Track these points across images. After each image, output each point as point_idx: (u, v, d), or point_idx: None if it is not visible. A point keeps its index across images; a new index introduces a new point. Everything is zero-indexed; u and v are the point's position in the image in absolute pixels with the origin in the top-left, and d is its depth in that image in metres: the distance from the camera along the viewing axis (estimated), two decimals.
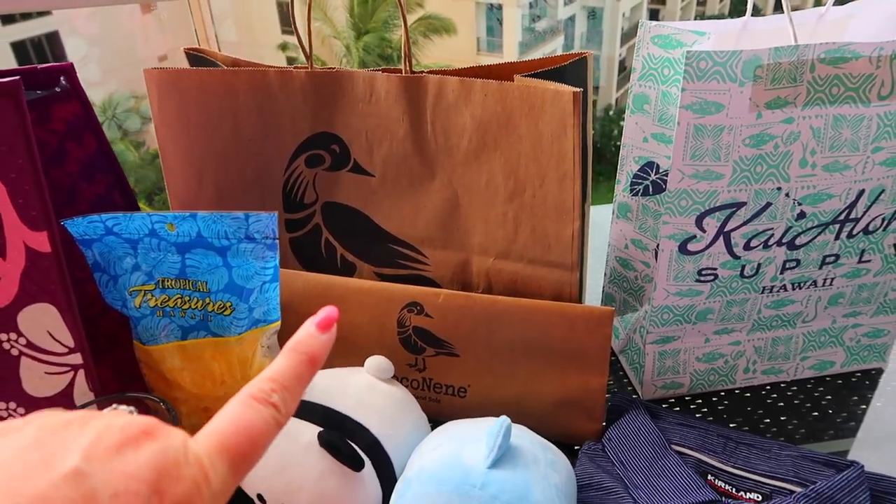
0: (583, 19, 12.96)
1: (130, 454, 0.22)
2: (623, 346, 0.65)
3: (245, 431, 0.25)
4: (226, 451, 0.24)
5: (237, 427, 0.25)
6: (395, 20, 10.09)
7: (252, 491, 0.46)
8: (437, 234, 0.58)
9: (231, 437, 0.24)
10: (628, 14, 13.06)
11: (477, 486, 0.41)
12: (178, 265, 0.48)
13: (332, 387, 0.49)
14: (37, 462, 0.21)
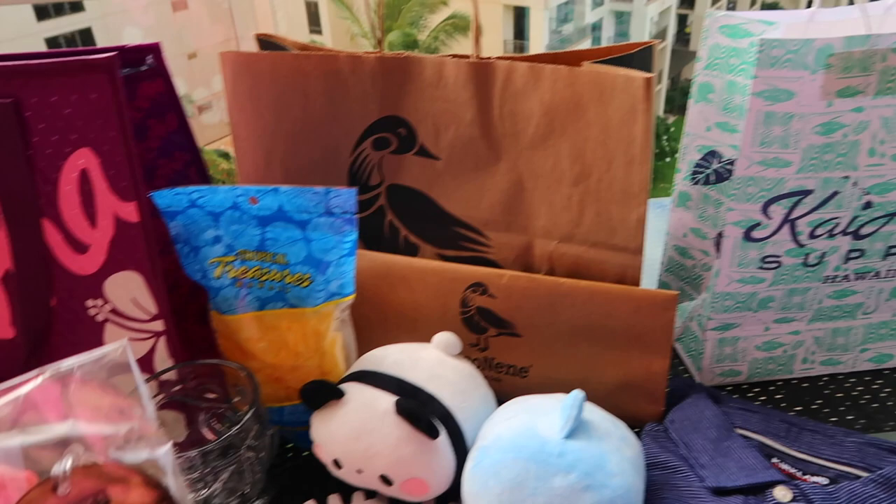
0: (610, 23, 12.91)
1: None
2: (679, 333, 0.65)
3: None
4: None
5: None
6: (422, 19, 10.14)
7: (328, 456, 0.48)
8: (500, 217, 0.59)
9: None
10: (656, 18, 12.99)
11: (554, 455, 0.42)
12: (258, 238, 0.50)
13: (404, 360, 0.51)
14: None
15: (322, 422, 0.48)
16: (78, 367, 0.31)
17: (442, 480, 0.47)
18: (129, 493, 0.28)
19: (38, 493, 0.27)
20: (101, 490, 0.28)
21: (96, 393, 0.31)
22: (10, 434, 0.28)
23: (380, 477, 0.47)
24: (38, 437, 0.28)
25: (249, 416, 0.46)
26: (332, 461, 0.48)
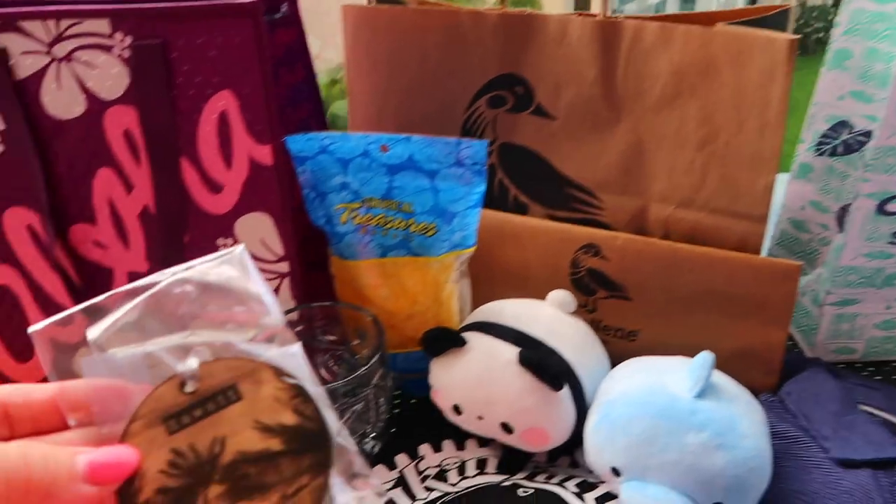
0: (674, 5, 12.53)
1: None
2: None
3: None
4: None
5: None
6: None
7: (448, 402, 0.49)
8: (616, 180, 0.58)
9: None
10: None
11: (685, 412, 0.42)
12: (386, 186, 0.50)
13: (523, 314, 0.51)
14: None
15: (443, 368, 0.49)
16: (197, 271, 0.30)
17: (562, 432, 0.47)
18: (260, 388, 0.27)
19: (165, 389, 0.27)
20: (231, 385, 0.27)
21: (219, 296, 0.30)
22: (133, 340, 0.28)
23: (501, 424, 0.47)
24: (163, 342, 0.28)
25: (377, 358, 0.47)
26: (451, 407, 0.49)
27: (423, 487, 0.49)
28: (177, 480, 0.25)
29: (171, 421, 0.26)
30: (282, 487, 0.26)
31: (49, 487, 0.23)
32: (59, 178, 0.51)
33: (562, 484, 0.47)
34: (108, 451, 0.25)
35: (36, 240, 0.53)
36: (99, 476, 0.24)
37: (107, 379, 0.27)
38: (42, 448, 0.23)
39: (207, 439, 0.26)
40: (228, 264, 0.30)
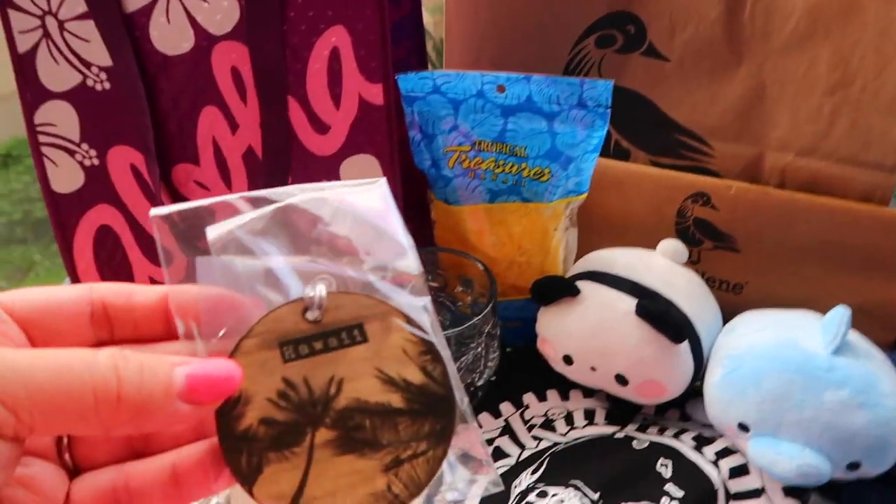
0: None
1: None
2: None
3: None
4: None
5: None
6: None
7: (559, 352, 0.48)
8: (730, 126, 0.55)
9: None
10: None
11: (822, 369, 0.40)
12: (499, 128, 0.48)
13: (636, 263, 0.49)
14: None
15: (554, 318, 0.48)
16: (335, 194, 0.26)
17: (679, 385, 0.46)
18: (389, 334, 0.24)
19: (287, 311, 0.24)
20: (357, 323, 0.24)
21: (354, 226, 0.26)
22: (255, 252, 0.25)
23: (615, 376, 0.46)
24: (288, 261, 0.25)
25: (490, 307, 0.46)
26: (561, 357, 0.48)
27: (530, 436, 0.49)
28: (284, 414, 0.23)
29: (288, 347, 0.23)
30: (395, 449, 0.23)
31: (143, 404, 0.20)
32: (163, 116, 0.50)
33: (677, 437, 0.46)
34: (211, 363, 0.21)
35: (139, 179, 0.52)
36: (198, 393, 0.21)
37: (221, 288, 0.24)
38: (137, 358, 0.20)
39: (324, 377, 0.23)
40: (369, 193, 0.27)
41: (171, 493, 0.22)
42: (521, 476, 0.45)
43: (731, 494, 0.42)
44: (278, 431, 0.22)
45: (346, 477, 0.23)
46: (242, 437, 0.22)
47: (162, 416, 0.20)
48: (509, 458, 0.47)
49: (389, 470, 0.23)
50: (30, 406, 0.18)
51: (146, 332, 0.24)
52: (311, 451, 0.23)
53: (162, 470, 0.22)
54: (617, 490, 0.43)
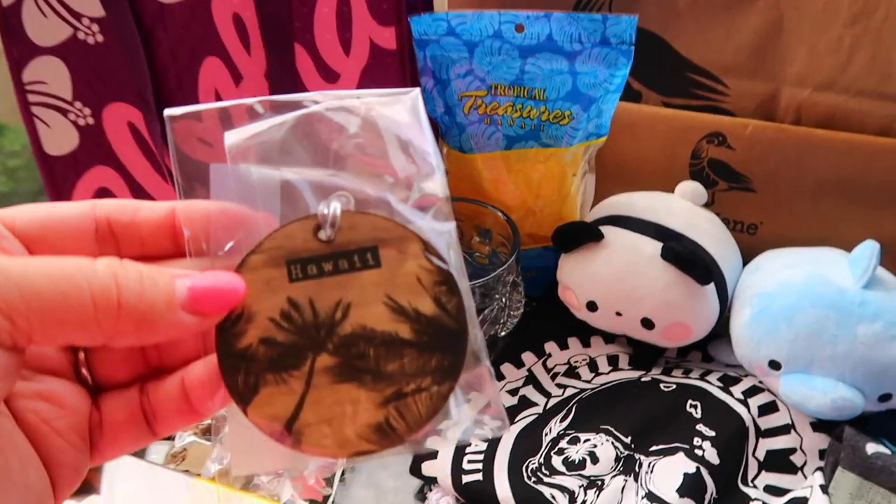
0: None
1: None
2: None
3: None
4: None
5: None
6: None
7: (584, 298, 0.47)
8: (746, 63, 0.54)
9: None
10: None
11: (855, 304, 0.40)
12: (517, 70, 0.47)
13: (656, 207, 0.49)
14: None
15: (577, 265, 0.47)
16: (362, 103, 0.24)
17: (705, 327, 0.46)
18: (405, 260, 0.22)
19: (298, 228, 0.22)
20: (372, 246, 0.22)
21: (381, 140, 0.24)
22: (273, 162, 0.23)
23: (641, 320, 0.46)
24: (306, 173, 0.23)
25: (514, 257, 0.45)
26: (585, 304, 0.48)
27: (554, 385, 0.49)
28: (286, 335, 0.22)
29: (296, 266, 0.22)
30: (399, 382, 0.22)
31: (144, 314, 0.19)
32: (161, 69, 0.48)
33: (703, 378, 0.46)
34: (213, 275, 0.21)
35: (137, 138, 0.50)
36: (200, 304, 0.20)
37: (231, 202, 0.23)
38: (136, 267, 0.20)
39: (331, 300, 0.22)
40: (401, 105, 0.24)
41: (185, 409, 0.22)
42: (549, 424, 0.45)
43: (762, 431, 0.43)
44: (278, 353, 0.21)
45: (344, 405, 0.22)
46: (241, 356, 0.21)
47: (165, 326, 0.20)
48: (536, 406, 0.47)
49: (390, 403, 0.22)
50: (26, 312, 0.18)
51: (153, 250, 0.23)
52: (310, 376, 0.22)
53: (175, 385, 0.22)
54: (648, 433, 0.43)
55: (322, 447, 0.21)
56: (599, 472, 0.41)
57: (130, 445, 0.23)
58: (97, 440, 0.22)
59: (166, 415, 0.22)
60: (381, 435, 0.22)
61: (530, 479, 0.41)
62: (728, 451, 0.41)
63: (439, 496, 0.42)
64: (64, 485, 0.21)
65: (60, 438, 0.21)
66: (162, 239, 0.23)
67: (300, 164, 0.23)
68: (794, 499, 0.40)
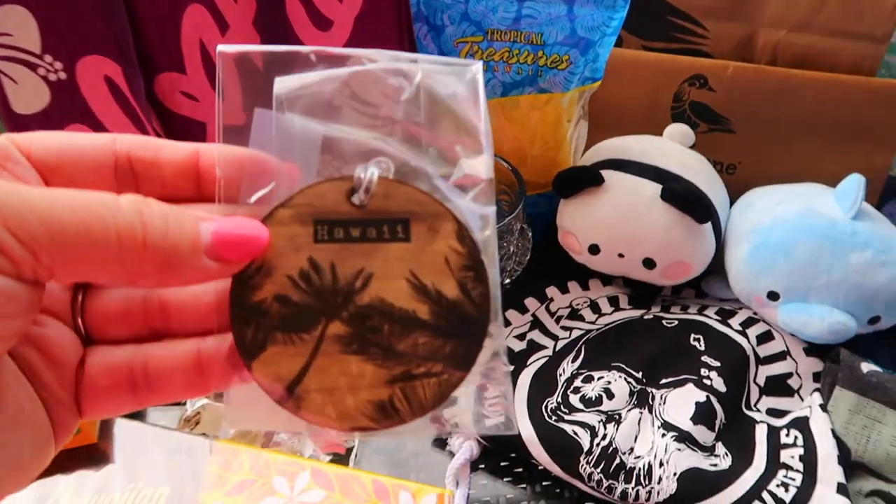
0: None
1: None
2: None
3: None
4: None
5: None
6: None
7: (586, 242, 0.48)
8: (724, 4, 0.55)
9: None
10: None
11: (847, 234, 0.43)
12: (513, 15, 0.46)
13: (649, 149, 0.50)
14: None
15: (579, 209, 0.48)
16: (420, 68, 0.23)
17: (703, 263, 0.48)
18: (435, 238, 0.22)
19: (331, 188, 0.21)
20: (404, 219, 0.22)
21: (433, 110, 0.23)
22: (316, 118, 0.22)
23: (643, 260, 0.47)
24: (350, 132, 0.22)
25: (522, 203, 0.46)
26: (587, 248, 0.49)
27: (559, 328, 0.50)
28: (301, 296, 0.21)
29: (323, 227, 0.21)
30: (409, 362, 0.21)
31: (168, 255, 0.19)
32: (140, 18, 0.45)
33: (702, 313, 0.49)
34: (238, 221, 0.20)
35: (115, 93, 0.47)
36: (223, 250, 0.20)
37: (268, 151, 0.22)
38: (160, 207, 0.19)
39: (353, 267, 0.21)
40: (458, 77, 0.23)
41: (194, 382, 0.21)
42: (562, 365, 0.46)
43: (761, 359, 0.45)
44: (291, 312, 0.21)
45: (350, 377, 0.21)
46: (254, 309, 0.21)
47: (188, 269, 0.19)
48: (546, 349, 0.48)
49: (396, 382, 0.21)
50: (49, 246, 0.17)
51: (174, 192, 0.22)
52: (320, 342, 0.21)
53: (186, 355, 0.21)
54: (658, 367, 0.45)
55: (321, 416, 0.21)
56: (616, 407, 0.43)
57: (112, 411, 0.21)
58: (79, 398, 0.21)
59: (169, 385, 0.21)
60: (383, 414, 0.21)
61: (551, 417, 0.43)
62: (733, 379, 0.44)
63: (461, 440, 0.43)
64: (57, 438, 0.20)
65: (47, 392, 0.20)
66: (184, 181, 0.22)
67: (346, 122, 0.23)
68: (796, 418, 0.43)
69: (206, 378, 0.21)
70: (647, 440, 0.41)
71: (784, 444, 0.41)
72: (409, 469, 0.44)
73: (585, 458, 0.40)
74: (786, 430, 0.42)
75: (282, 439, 0.43)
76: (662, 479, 0.39)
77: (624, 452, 0.40)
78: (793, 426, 0.42)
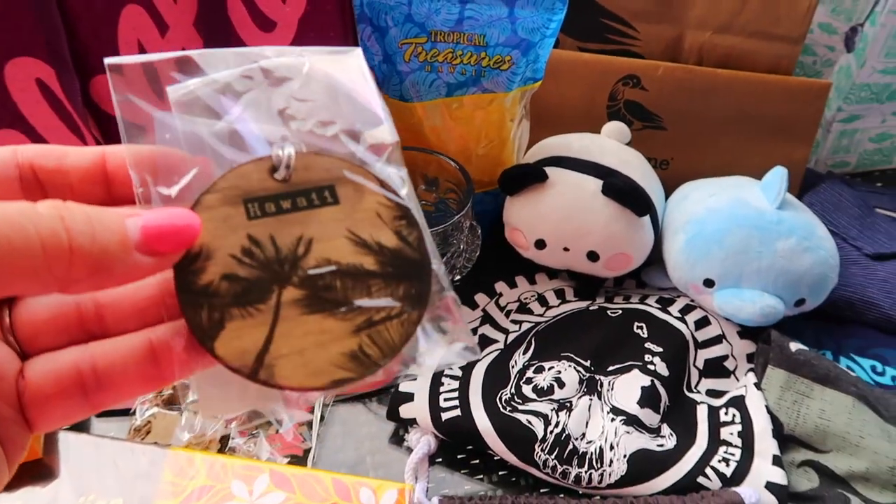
0: None
1: None
2: None
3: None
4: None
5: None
6: None
7: (532, 237, 0.50)
8: (654, 7, 0.58)
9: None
10: None
11: (773, 222, 0.45)
12: (456, 17, 0.47)
13: (589, 146, 0.52)
14: None
15: (525, 206, 0.49)
16: (306, 60, 0.24)
17: (643, 254, 0.50)
18: (363, 197, 0.22)
19: (252, 168, 0.22)
20: (328, 185, 0.22)
21: (325, 96, 0.24)
22: (219, 116, 0.23)
23: (588, 253, 0.49)
24: (253, 126, 0.23)
25: (471, 201, 0.47)
26: (534, 243, 0.50)
27: (509, 321, 0.51)
28: (248, 270, 0.21)
29: (253, 204, 0.22)
30: (368, 310, 0.22)
31: (98, 257, 0.18)
32: (74, 19, 0.43)
33: (643, 302, 0.51)
34: (167, 211, 0.20)
35: (48, 96, 0.45)
36: (155, 243, 0.19)
37: (176, 149, 0.22)
38: (83, 209, 0.18)
39: (292, 235, 0.22)
40: (344, 62, 0.24)
41: (150, 374, 0.21)
42: (514, 357, 0.47)
43: (699, 343, 0.48)
44: (242, 288, 0.21)
45: (316, 335, 0.21)
46: (203, 292, 0.21)
47: (122, 269, 0.19)
48: (497, 343, 0.49)
49: (361, 331, 0.22)
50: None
51: (84, 198, 0.21)
52: (278, 309, 0.21)
53: (138, 348, 0.21)
54: (605, 355, 0.47)
55: (297, 378, 0.21)
56: (567, 395, 0.44)
57: (64, 419, 0.21)
58: (26, 411, 0.20)
59: (122, 382, 0.21)
60: (357, 362, 0.22)
61: (505, 408, 0.44)
62: (674, 364, 0.46)
63: (419, 436, 0.44)
64: (10, 457, 0.19)
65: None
66: (93, 185, 0.21)
67: (247, 117, 0.23)
68: (733, 397, 0.45)
69: (163, 369, 0.21)
70: (597, 425, 0.43)
71: (723, 422, 0.44)
72: (368, 467, 0.44)
73: (540, 446, 0.42)
74: (724, 409, 0.44)
75: (237, 444, 0.42)
76: (613, 461, 0.41)
77: (576, 438, 0.42)
78: (731, 405, 0.45)
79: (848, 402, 0.42)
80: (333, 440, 0.45)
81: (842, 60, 0.62)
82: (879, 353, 0.49)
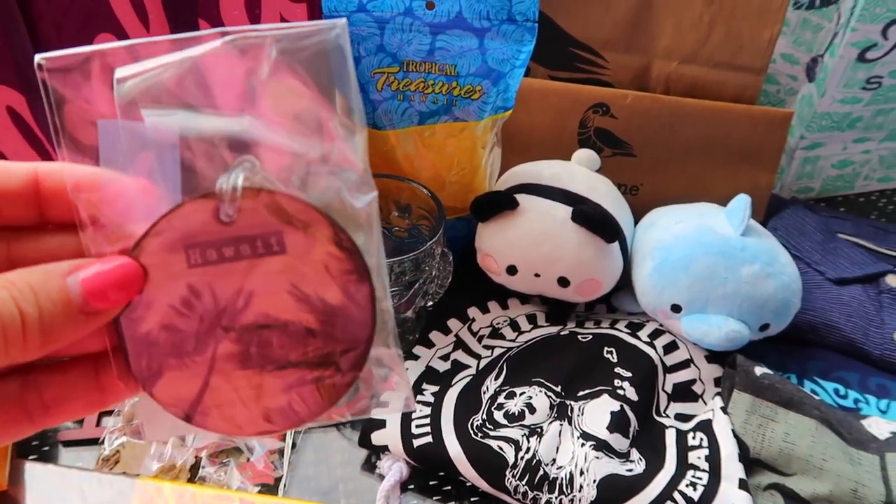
0: None
1: None
2: None
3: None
4: None
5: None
6: None
7: (504, 263, 0.50)
8: (622, 38, 0.59)
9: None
10: None
11: (738, 249, 0.47)
12: (427, 47, 0.48)
13: (560, 174, 0.53)
14: None
15: (496, 232, 0.50)
16: (273, 41, 0.20)
17: (612, 280, 0.51)
18: (312, 247, 0.21)
19: (196, 209, 0.21)
20: (276, 231, 0.21)
21: (291, 87, 0.21)
22: (169, 111, 0.21)
23: (558, 279, 0.50)
24: (203, 124, 0.21)
25: (442, 228, 0.47)
26: (505, 269, 0.51)
27: (482, 346, 0.52)
28: (186, 322, 0.21)
29: (195, 251, 0.21)
30: (302, 371, 0.22)
31: (48, 329, 0.18)
32: (44, 47, 0.43)
33: (613, 327, 0.51)
34: (108, 265, 0.19)
35: (19, 124, 0.45)
36: (99, 300, 0.19)
37: (119, 169, 0.20)
38: (24, 280, 0.18)
39: (231, 288, 0.21)
40: (321, 43, 0.21)
41: (94, 401, 0.22)
42: (486, 383, 0.48)
43: (667, 367, 0.49)
44: (180, 339, 0.21)
45: (246, 391, 0.22)
46: (143, 341, 0.21)
47: (70, 331, 0.19)
48: (469, 368, 0.50)
49: (293, 389, 0.22)
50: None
51: (12, 220, 0.21)
52: (213, 363, 0.22)
53: (85, 379, 0.21)
54: (575, 380, 0.47)
55: (226, 428, 0.22)
56: (538, 421, 0.45)
57: (6, 439, 0.21)
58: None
59: (69, 410, 0.21)
60: (284, 417, 0.22)
61: (477, 434, 0.44)
62: (643, 388, 0.46)
63: (391, 462, 0.44)
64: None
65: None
66: (22, 208, 0.21)
67: (202, 110, 0.21)
68: (701, 421, 0.46)
69: (106, 395, 0.22)
70: (567, 451, 0.43)
71: (691, 447, 0.44)
72: (340, 494, 0.44)
73: (511, 472, 0.42)
74: (692, 433, 0.45)
75: (207, 473, 0.42)
76: (583, 486, 0.41)
77: (547, 464, 0.42)
78: (698, 429, 0.45)
79: (811, 425, 0.43)
80: (305, 468, 0.45)
81: (804, 90, 0.64)
82: (842, 377, 0.50)
